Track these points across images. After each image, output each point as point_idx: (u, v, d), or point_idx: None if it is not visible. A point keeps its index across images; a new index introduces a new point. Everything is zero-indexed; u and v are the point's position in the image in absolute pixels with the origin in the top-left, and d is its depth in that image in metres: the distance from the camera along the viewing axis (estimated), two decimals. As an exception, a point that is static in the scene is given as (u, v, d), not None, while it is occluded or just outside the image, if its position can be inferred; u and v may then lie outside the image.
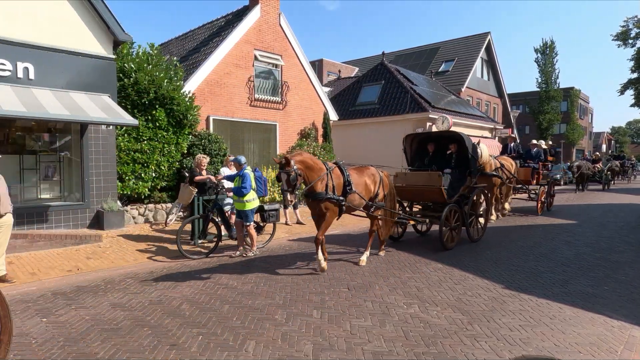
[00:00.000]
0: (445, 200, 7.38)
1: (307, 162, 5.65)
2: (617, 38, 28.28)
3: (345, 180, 6.03)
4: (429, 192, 7.55)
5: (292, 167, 5.36)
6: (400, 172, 8.18)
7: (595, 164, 22.58)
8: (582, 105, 50.26)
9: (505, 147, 13.08)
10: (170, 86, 10.06)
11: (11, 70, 7.65)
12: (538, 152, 12.48)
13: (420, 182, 7.70)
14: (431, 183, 7.44)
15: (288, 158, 5.38)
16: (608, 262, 6.61)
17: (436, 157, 8.44)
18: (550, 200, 13.27)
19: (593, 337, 3.87)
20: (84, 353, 3.50)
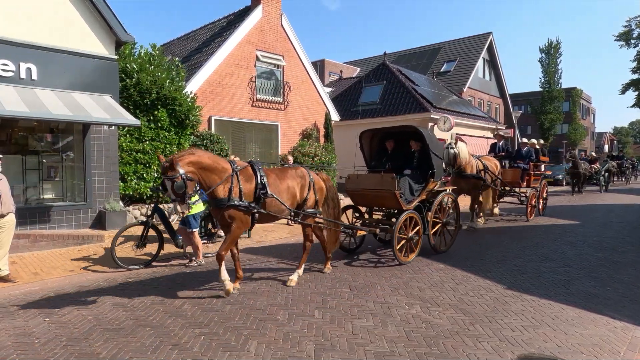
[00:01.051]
0: (402, 206, 6.44)
1: (203, 162, 4.68)
2: (619, 38, 28.21)
3: (257, 183, 5.03)
4: (383, 197, 6.56)
5: (178, 172, 4.35)
6: (353, 175, 7.15)
7: (592, 164, 20.82)
8: (584, 106, 50.17)
9: (493, 145, 12.17)
10: (172, 86, 10.08)
11: (14, 70, 7.68)
12: (529, 151, 11.34)
13: (372, 186, 6.68)
14: (384, 186, 6.43)
15: (173, 160, 4.34)
16: (611, 263, 6.59)
17: (397, 156, 7.39)
18: (544, 204, 12.25)
19: (595, 337, 3.86)
20: (86, 353, 3.51)
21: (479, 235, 9.17)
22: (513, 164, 11.30)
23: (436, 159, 6.82)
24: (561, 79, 37.73)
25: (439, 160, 6.96)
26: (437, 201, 6.91)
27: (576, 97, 44.74)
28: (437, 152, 6.97)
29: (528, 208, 11.06)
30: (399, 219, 6.24)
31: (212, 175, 4.75)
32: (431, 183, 6.87)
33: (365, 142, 7.60)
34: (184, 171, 4.42)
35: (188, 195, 4.49)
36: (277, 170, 5.58)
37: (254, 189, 5.00)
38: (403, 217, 6.30)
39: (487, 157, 10.62)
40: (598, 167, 20.84)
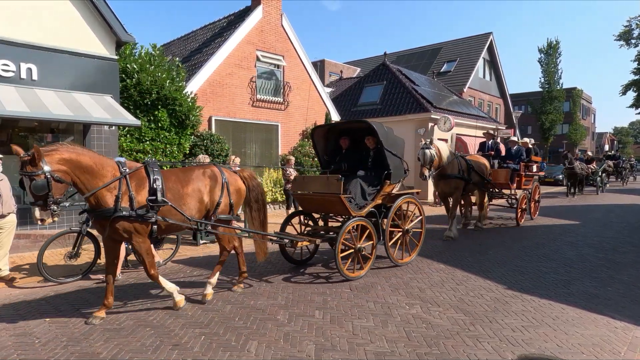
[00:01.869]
0: (350, 212, 5.66)
1: (81, 161, 3.89)
2: (619, 38, 28.20)
3: (150, 187, 4.20)
4: (329, 201, 5.72)
5: (41, 169, 3.58)
6: (299, 176, 6.60)
7: (589, 164, 19.55)
8: (584, 106, 50.16)
9: (482, 144, 11.30)
10: (172, 87, 10.08)
11: (15, 71, 7.68)
12: (519, 150, 10.53)
13: (318, 189, 5.86)
14: (330, 190, 5.62)
15: (36, 154, 3.56)
16: (611, 263, 6.59)
17: (352, 156, 6.69)
18: (536, 207, 11.55)
19: (596, 338, 3.86)
20: (86, 353, 3.51)
21: (480, 235, 9.17)
22: (502, 164, 10.53)
23: (393, 159, 6.09)
24: (561, 79, 37.71)
25: (397, 160, 6.19)
26: (395, 206, 6.09)
27: (576, 97, 44.73)
28: (396, 150, 6.24)
29: (518, 212, 10.30)
30: (343, 228, 5.41)
31: (94, 178, 3.97)
32: (387, 186, 6.12)
33: (318, 140, 6.87)
34: (51, 169, 3.63)
35: (53, 200, 3.72)
36: (181, 172, 4.75)
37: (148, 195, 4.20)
38: (348, 225, 5.46)
39: (475, 155, 10.02)
40: (595, 167, 19.88)
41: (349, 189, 5.81)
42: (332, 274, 5.94)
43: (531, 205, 11.13)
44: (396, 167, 6.14)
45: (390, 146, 6.09)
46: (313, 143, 6.91)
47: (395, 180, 6.21)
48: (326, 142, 6.98)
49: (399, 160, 6.27)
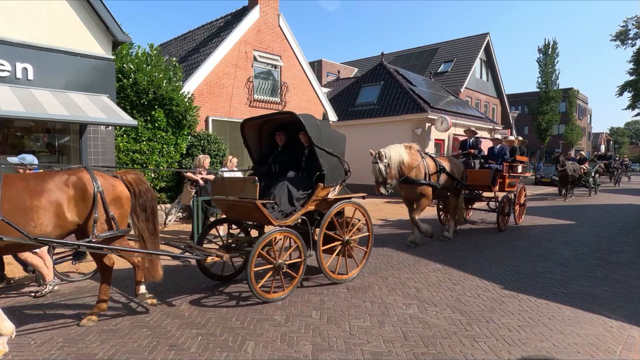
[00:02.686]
0: (270, 220, 4.77)
1: None
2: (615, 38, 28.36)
3: None
4: (247, 208, 4.81)
5: None
6: (218, 178, 5.65)
7: (581, 164, 18.55)
8: (580, 106, 50.40)
9: (462, 143, 10.40)
10: (169, 87, 10.06)
11: (10, 70, 7.64)
12: (502, 149, 9.72)
13: (235, 193, 4.98)
14: (245, 194, 4.78)
15: None
16: (607, 263, 6.62)
17: (288, 154, 5.68)
18: (521, 211, 10.69)
19: (592, 337, 3.88)
20: (83, 354, 3.50)
21: (476, 235, 9.19)
22: (484, 164, 9.70)
23: (328, 158, 5.27)
24: (558, 79, 37.85)
25: (333, 160, 5.36)
26: (330, 213, 5.23)
27: (573, 98, 44.92)
28: (333, 147, 5.38)
29: (499, 217, 9.36)
30: (259, 241, 4.56)
31: None
32: (321, 189, 5.20)
33: (250, 135, 5.94)
34: None
35: None
36: (35, 178, 3.81)
37: None
38: (266, 237, 4.59)
39: (445, 157, 9.09)
40: (587, 167, 18.92)
41: (273, 193, 5.07)
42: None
43: (516, 209, 10.25)
44: (332, 168, 5.32)
45: (324, 142, 5.25)
46: (244, 139, 5.94)
47: (331, 183, 5.30)
48: (260, 138, 6.08)
49: (337, 159, 5.44)
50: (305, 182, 5.33)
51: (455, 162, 8.81)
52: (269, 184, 5.32)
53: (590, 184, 18.63)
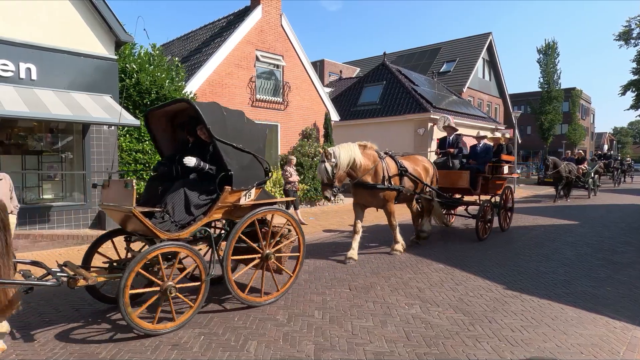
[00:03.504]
0: (156, 233, 3.89)
1: None
2: (619, 38, 28.24)
3: None
4: (128, 217, 3.96)
5: None
6: (107, 182, 4.40)
7: (580, 164, 17.35)
8: (583, 106, 50.22)
9: (442, 140, 9.46)
10: (171, 87, 10.08)
11: (14, 70, 7.68)
12: (486, 148, 8.84)
13: (118, 200, 4.10)
14: (124, 202, 3.94)
15: None
16: (610, 263, 6.60)
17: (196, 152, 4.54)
18: (508, 216, 9.60)
19: (595, 338, 3.87)
20: (86, 353, 3.51)
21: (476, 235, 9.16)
22: (465, 164, 8.76)
23: (238, 155, 4.40)
24: (560, 79, 37.71)
25: (245, 157, 4.49)
26: (242, 224, 4.40)
27: (576, 98, 44.76)
28: (244, 142, 4.47)
29: (478, 224, 8.26)
30: (134, 261, 3.66)
31: None
32: (230, 194, 4.30)
33: (158, 128, 4.93)
34: None
35: None
36: None
37: None
38: (147, 254, 3.72)
39: (411, 157, 7.96)
40: (586, 168, 17.70)
41: (166, 199, 4.19)
42: (334, 274, 5.94)
43: (501, 214, 9.19)
44: (244, 167, 4.45)
45: (230, 136, 4.34)
46: (150, 132, 4.96)
47: (243, 186, 4.41)
48: (173, 132, 5.07)
49: (251, 157, 4.56)
50: (210, 186, 4.32)
51: (423, 162, 7.83)
52: (169, 187, 4.35)
53: (589, 185, 17.59)
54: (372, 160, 6.66)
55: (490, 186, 8.73)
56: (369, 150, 6.72)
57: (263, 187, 4.82)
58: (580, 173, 16.99)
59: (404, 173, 7.12)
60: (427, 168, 7.85)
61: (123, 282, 3.59)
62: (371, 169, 6.58)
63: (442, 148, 9.13)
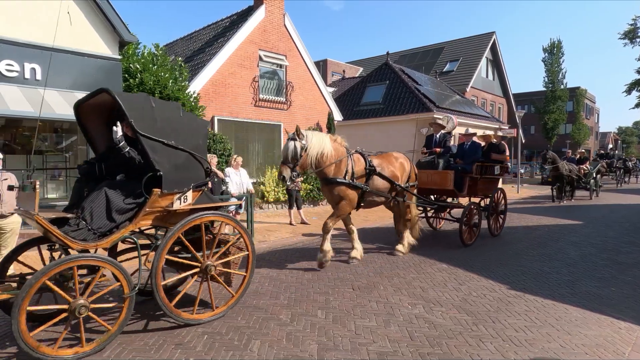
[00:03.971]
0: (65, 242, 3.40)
1: None
2: (624, 36, 28.07)
3: None
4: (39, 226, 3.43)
5: None
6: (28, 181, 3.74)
7: (582, 164, 16.65)
8: (588, 105, 49.95)
9: (428, 138, 8.76)
10: (175, 86, 10.11)
11: (19, 71, 7.73)
12: (474, 147, 8.18)
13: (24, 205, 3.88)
14: (29, 207, 3.71)
15: None
16: (614, 263, 6.56)
17: None
18: (500, 220, 8.84)
19: (600, 338, 3.85)
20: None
21: (481, 236, 9.14)
22: (450, 164, 8.09)
23: (169, 153, 3.90)
24: (565, 78, 37.54)
25: (179, 156, 4.00)
26: (177, 231, 3.88)
27: (580, 97, 44.53)
28: (178, 137, 4.00)
29: (462, 229, 7.53)
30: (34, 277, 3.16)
31: None
32: (157, 197, 3.79)
33: (88, 122, 4.32)
34: None
35: None
36: None
37: None
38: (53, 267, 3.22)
39: (385, 155, 7.15)
40: (588, 168, 16.91)
41: (84, 204, 3.70)
42: (337, 273, 5.94)
43: (491, 219, 8.45)
44: (178, 167, 3.96)
45: (157, 131, 3.81)
46: (81, 127, 4.36)
47: (175, 188, 3.89)
48: (106, 128, 4.32)
49: (186, 155, 4.07)
50: (138, 188, 3.79)
51: (399, 161, 7.09)
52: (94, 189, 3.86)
53: (591, 185, 16.79)
54: (338, 153, 6.18)
55: (479, 187, 8.12)
56: (338, 144, 6.29)
57: (204, 189, 4.24)
58: (582, 173, 16.40)
59: (372, 172, 6.46)
60: (405, 168, 7.13)
61: (18, 302, 3.06)
62: (335, 162, 6.06)
63: (429, 147, 8.58)
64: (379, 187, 6.61)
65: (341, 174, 6.16)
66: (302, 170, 5.89)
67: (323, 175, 6.12)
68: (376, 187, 6.57)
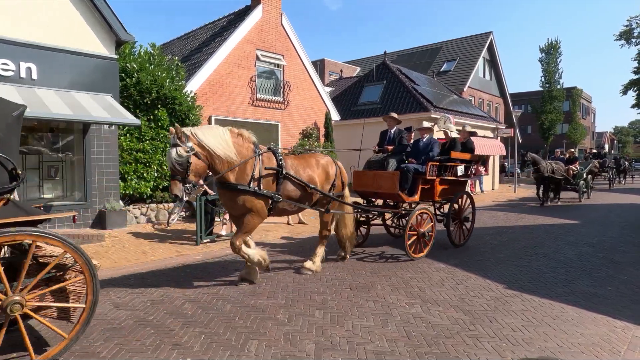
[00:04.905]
0: None
1: None
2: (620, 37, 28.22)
3: None
4: None
5: None
6: None
7: (571, 164, 15.72)
8: (584, 105, 50.19)
9: (383, 134, 7.61)
10: (172, 86, 10.09)
11: (14, 70, 7.68)
12: (430, 143, 7.11)
13: None
14: None
15: None
16: (611, 262, 6.59)
17: None
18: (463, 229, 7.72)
19: (596, 337, 3.86)
20: (87, 352, 3.51)
21: (478, 235, 9.17)
22: (401, 163, 7.03)
23: None
24: (561, 78, 37.72)
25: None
26: None
27: (576, 97, 44.76)
28: None
29: (406, 240, 6.39)
30: None
31: None
32: None
33: None
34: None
35: None
36: None
37: None
38: None
39: (306, 155, 6.27)
40: (577, 168, 15.88)
41: None
42: (335, 273, 5.93)
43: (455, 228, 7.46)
44: None
45: None
46: None
47: None
48: None
49: None
50: None
51: (321, 164, 5.94)
52: None
53: (580, 187, 15.85)
54: (244, 153, 5.05)
55: (437, 191, 7.01)
56: (243, 140, 5.18)
57: (9, 198, 3.25)
58: (570, 174, 15.44)
59: (283, 175, 5.25)
60: (328, 173, 5.96)
61: None
62: (238, 165, 4.93)
63: (381, 144, 7.48)
64: (290, 193, 5.43)
65: (246, 179, 5.01)
66: (197, 179, 4.78)
67: (223, 180, 4.97)
68: (287, 194, 5.39)
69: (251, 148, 5.24)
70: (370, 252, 7.31)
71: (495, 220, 11.23)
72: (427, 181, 6.92)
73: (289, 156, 5.92)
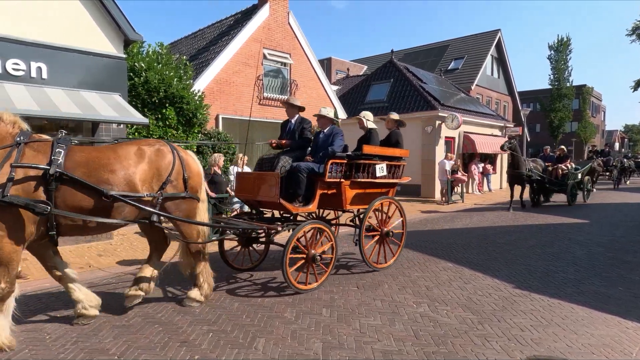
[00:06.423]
0: None
1: None
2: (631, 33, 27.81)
3: None
4: None
5: None
6: None
7: (561, 163, 13.69)
8: (594, 103, 49.57)
9: (283, 125, 6.36)
10: (180, 85, 10.14)
11: (25, 70, 7.76)
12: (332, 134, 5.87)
13: None
14: None
15: None
16: (621, 262, 6.51)
17: None
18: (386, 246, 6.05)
19: (606, 338, 3.82)
20: (96, 349, 3.55)
21: (485, 235, 9.11)
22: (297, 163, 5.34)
23: None
24: (571, 76, 37.29)
25: None
26: None
27: (586, 95, 44.20)
28: None
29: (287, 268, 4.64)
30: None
31: None
32: None
33: None
34: None
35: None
36: None
37: None
38: None
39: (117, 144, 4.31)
40: (568, 167, 13.58)
41: None
42: (342, 272, 5.93)
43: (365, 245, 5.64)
44: None
45: None
46: None
47: None
48: None
49: None
50: None
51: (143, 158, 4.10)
52: None
53: (569, 189, 13.29)
54: None
55: (346, 198, 5.49)
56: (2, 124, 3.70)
57: None
58: (558, 174, 13.33)
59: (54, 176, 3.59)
60: (158, 164, 4.14)
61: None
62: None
63: (281, 136, 6.15)
64: (78, 203, 3.70)
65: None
66: None
67: None
68: (71, 203, 3.67)
69: (10, 134, 3.72)
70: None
71: (503, 219, 11.14)
72: (331, 185, 5.31)
73: (86, 148, 4.18)
